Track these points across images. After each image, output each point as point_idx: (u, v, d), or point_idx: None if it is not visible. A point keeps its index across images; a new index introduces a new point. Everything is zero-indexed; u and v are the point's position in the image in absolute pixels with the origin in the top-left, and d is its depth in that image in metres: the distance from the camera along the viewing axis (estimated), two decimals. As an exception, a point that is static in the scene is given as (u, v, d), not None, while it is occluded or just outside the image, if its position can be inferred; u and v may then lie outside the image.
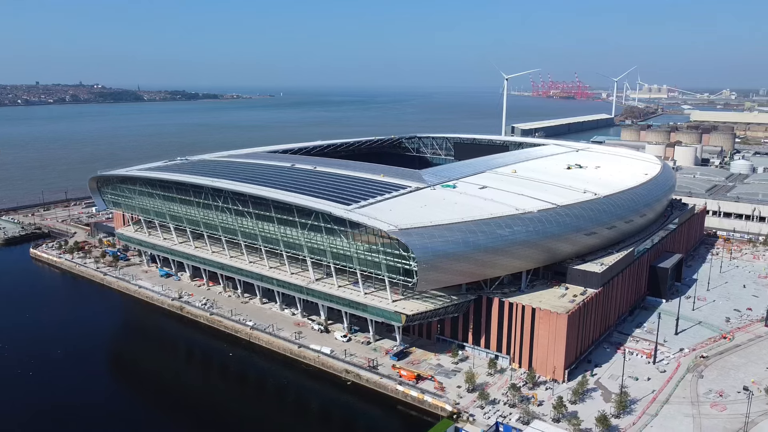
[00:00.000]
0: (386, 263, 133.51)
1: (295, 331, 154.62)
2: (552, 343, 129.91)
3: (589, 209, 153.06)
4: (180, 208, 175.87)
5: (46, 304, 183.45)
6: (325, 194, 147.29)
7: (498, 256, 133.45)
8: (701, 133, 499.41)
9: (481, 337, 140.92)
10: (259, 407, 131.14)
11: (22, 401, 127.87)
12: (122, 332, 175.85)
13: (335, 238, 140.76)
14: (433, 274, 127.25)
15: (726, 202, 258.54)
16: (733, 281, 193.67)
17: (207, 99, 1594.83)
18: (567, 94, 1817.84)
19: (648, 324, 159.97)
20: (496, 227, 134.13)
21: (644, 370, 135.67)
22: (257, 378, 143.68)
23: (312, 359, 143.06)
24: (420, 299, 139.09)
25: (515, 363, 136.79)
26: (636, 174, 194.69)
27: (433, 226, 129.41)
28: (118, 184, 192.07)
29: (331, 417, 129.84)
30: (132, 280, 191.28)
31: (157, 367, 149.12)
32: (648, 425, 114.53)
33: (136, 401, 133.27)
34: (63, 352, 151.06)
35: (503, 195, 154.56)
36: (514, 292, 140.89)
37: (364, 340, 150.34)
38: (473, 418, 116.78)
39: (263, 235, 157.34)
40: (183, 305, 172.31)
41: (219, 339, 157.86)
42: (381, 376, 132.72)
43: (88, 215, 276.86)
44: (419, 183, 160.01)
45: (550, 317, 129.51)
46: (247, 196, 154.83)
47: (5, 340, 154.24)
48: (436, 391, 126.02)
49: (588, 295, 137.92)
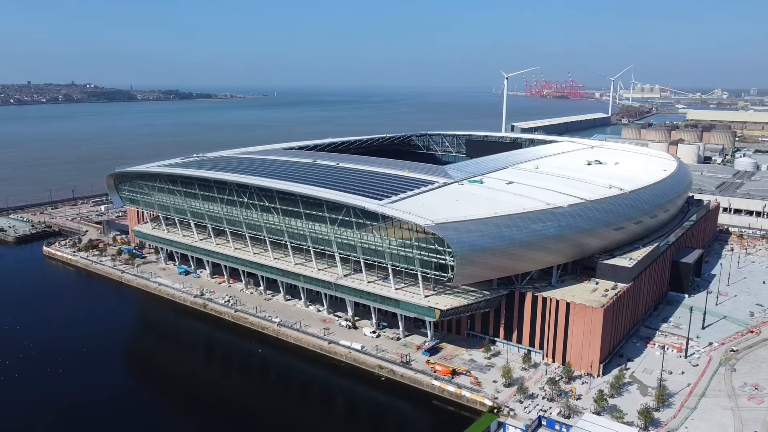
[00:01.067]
0: (420, 258, 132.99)
1: (321, 327, 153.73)
2: (587, 338, 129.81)
3: (617, 204, 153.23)
4: (202, 205, 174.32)
5: (66, 302, 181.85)
6: (354, 189, 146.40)
7: (532, 251, 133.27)
8: (702, 132, 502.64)
9: (513, 332, 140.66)
10: (294, 404, 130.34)
11: (53, 398, 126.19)
12: (146, 330, 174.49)
13: (367, 234, 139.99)
14: (469, 269, 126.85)
15: (737, 199, 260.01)
16: (752, 276, 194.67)
17: (201, 99, 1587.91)
18: (560, 93, 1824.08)
19: (673, 319, 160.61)
20: (529, 222, 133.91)
21: (677, 364, 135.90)
22: (289, 374, 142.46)
23: (343, 355, 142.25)
24: (452, 294, 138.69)
25: (548, 357, 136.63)
26: (654, 170, 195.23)
27: (469, 220, 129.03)
28: (137, 181, 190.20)
29: (367, 412, 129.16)
30: (151, 277, 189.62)
31: (184, 364, 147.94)
32: (689, 418, 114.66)
33: (168, 401, 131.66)
34: (89, 349, 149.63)
35: (531, 190, 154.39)
36: (545, 287, 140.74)
37: (393, 336, 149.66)
38: (513, 413, 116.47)
39: (290, 231, 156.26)
40: (206, 302, 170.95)
41: (245, 336, 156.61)
42: (415, 372, 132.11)
43: (97, 213, 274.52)
44: (446, 178, 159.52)
45: (585, 311, 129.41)
46: (273, 192, 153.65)
47: (30, 338, 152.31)
48: (473, 386, 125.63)
49: (621, 290, 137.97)
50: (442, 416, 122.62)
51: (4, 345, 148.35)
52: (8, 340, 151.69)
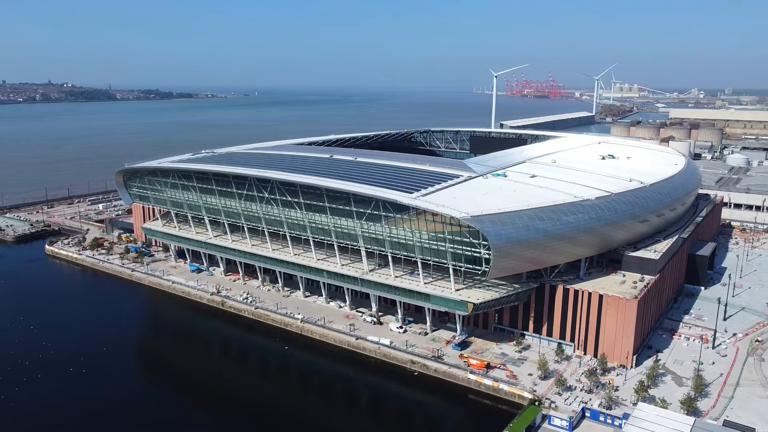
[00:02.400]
0: (452, 251, 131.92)
1: (346, 324, 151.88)
2: (621, 329, 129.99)
3: (642, 197, 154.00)
4: (219, 201, 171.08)
5: (78, 301, 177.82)
6: (381, 183, 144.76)
7: (565, 243, 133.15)
8: (690, 129, 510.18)
9: (543, 325, 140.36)
10: (327, 401, 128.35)
11: (81, 399, 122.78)
12: (164, 328, 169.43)
13: (397, 227, 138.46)
14: (505, 262, 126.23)
15: (737, 194, 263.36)
16: (761, 269, 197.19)
17: (182, 98, 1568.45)
18: (541, 93, 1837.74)
19: (694, 311, 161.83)
20: (562, 214, 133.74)
21: (706, 355, 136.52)
22: (317, 371, 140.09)
23: (372, 351, 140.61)
24: (481, 288, 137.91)
25: (579, 350, 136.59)
26: (667, 164, 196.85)
27: (504, 213, 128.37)
28: (149, 177, 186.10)
29: (403, 408, 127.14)
30: (163, 275, 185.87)
31: (207, 363, 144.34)
32: (728, 407, 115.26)
33: (194, 401, 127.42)
34: (108, 349, 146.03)
35: (555, 183, 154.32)
36: (573, 279, 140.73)
37: (420, 330, 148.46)
38: (555, 405, 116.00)
39: (313, 226, 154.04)
40: (224, 300, 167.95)
41: (268, 333, 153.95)
42: (449, 366, 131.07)
43: (96, 212, 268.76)
44: (470, 172, 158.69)
45: (618, 303, 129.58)
46: (297, 186, 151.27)
47: (48, 338, 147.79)
48: (509, 380, 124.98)
49: (650, 282, 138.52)
50: (480, 410, 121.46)
51: (23, 346, 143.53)
52: (25, 341, 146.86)
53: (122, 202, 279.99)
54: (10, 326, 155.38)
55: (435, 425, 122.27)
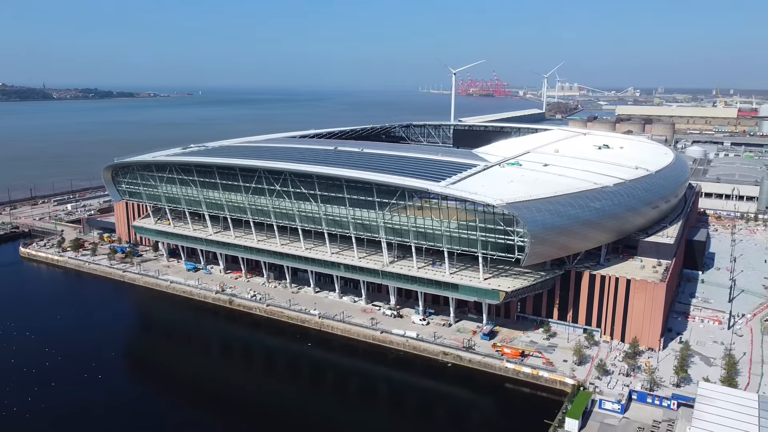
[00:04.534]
0: (484, 240, 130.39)
1: (364, 318, 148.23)
2: (649, 313, 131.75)
3: (652, 183, 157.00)
4: (222, 195, 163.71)
5: (70, 304, 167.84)
6: (403, 172, 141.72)
7: (593, 229, 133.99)
8: (644, 124, 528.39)
9: (568, 311, 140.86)
10: (363, 399, 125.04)
11: (105, 406, 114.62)
12: (172, 330, 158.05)
13: (423, 217, 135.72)
14: (540, 248, 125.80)
15: (708, 183, 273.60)
16: (747, 253, 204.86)
17: (122, 97, 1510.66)
18: (486, 92, 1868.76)
19: (699, 294, 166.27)
20: (589, 200, 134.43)
21: (723, 335, 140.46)
22: (346, 368, 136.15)
23: (400, 344, 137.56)
24: (507, 276, 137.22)
25: (606, 335, 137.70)
26: (658, 154, 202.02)
27: (536, 199, 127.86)
28: (140, 172, 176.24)
29: (445, 400, 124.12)
30: (158, 275, 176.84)
31: (225, 365, 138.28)
32: (762, 384, 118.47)
33: (221, 407, 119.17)
34: (117, 353, 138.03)
35: (570, 171, 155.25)
36: (594, 266, 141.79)
37: (442, 322, 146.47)
38: (599, 389, 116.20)
39: (329, 219, 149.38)
40: (231, 298, 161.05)
41: (284, 331, 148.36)
42: (483, 356, 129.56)
43: (65, 212, 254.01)
44: (483, 162, 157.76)
45: (647, 287, 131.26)
46: (314, 177, 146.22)
47: (49, 344, 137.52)
48: (547, 367, 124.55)
49: (670, 266, 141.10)
50: (521, 398, 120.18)
51: (24, 353, 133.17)
52: (25, 347, 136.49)
53: (92, 202, 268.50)
54: (2, 333, 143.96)
55: (481, 416, 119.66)
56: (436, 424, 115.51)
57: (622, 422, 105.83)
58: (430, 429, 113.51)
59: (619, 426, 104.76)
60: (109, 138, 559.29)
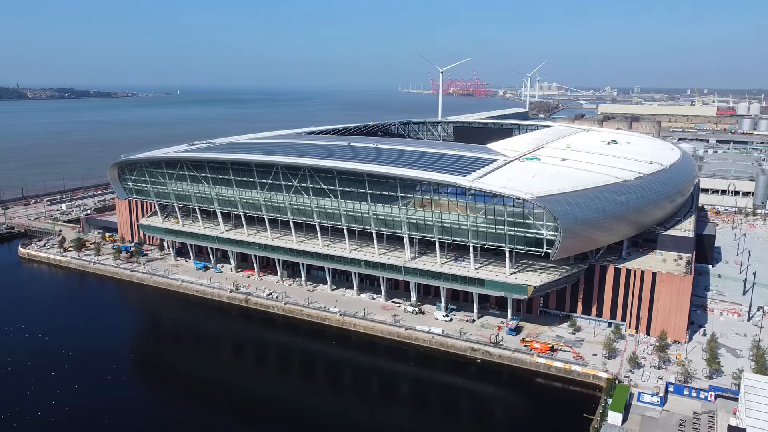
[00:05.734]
0: (512, 234, 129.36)
1: (385, 315, 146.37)
2: (675, 305, 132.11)
3: (669, 177, 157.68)
4: (236, 192, 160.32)
5: (79, 305, 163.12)
6: (427, 167, 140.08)
7: (619, 222, 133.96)
8: (630, 122, 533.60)
9: (593, 305, 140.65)
10: (398, 397, 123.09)
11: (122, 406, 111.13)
12: (190, 330, 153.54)
13: (450, 212, 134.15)
14: (571, 242, 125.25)
15: (704, 179, 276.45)
16: (751, 246, 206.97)
17: (99, 97, 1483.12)
18: (466, 91, 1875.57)
19: (713, 287, 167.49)
20: (615, 194, 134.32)
21: (744, 328, 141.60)
22: (379, 367, 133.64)
23: (426, 340, 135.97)
24: (533, 271, 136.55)
25: (631, 329, 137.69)
26: (666, 149, 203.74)
27: (565, 193, 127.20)
28: (149, 169, 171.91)
29: (479, 396, 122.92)
30: (168, 274, 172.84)
31: (251, 366, 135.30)
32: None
33: (255, 412, 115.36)
34: (136, 354, 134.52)
35: (589, 165, 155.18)
36: (616, 259, 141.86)
37: (465, 318, 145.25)
38: (633, 383, 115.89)
39: (350, 215, 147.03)
40: (247, 297, 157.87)
41: (305, 330, 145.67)
42: (512, 351, 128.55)
43: (60, 212, 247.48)
44: (502, 156, 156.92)
45: (673, 280, 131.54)
46: (334, 173, 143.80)
47: (64, 346, 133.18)
48: (579, 361, 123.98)
49: (692, 259, 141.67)
50: (556, 393, 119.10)
51: (40, 355, 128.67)
52: (40, 350, 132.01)
53: (87, 202, 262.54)
54: (14, 336, 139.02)
55: (518, 411, 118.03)
56: (474, 420, 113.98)
57: (663, 415, 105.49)
58: (469, 425, 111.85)
59: (661, 418, 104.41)
60: (92, 138, 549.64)
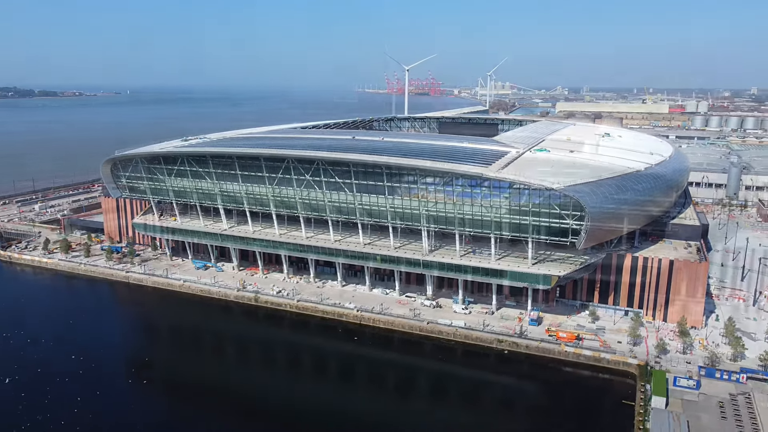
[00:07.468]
0: (536, 224, 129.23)
1: (403, 309, 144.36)
2: (692, 292, 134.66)
3: (673, 168, 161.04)
4: (241, 187, 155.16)
5: (80, 308, 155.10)
6: (446, 159, 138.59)
7: (639, 211, 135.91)
8: (594, 119, 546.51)
9: (610, 294, 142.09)
10: (433, 392, 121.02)
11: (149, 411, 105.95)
12: (202, 331, 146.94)
13: (471, 203, 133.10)
14: (597, 232, 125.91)
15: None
16: (736, 234, 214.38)
17: (45, 96, 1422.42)
18: (421, 90, 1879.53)
19: (713, 274, 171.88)
20: (633, 183, 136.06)
21: (752, 312, 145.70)
22: (402, 362, 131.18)
23: (450, 333, 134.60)
24: (552, 262, 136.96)
25: (648, 316, 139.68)
26: (659, 141, 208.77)
27: (588, 183, 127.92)
28: (146, 165, 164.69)
29: (513, 386, 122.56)
30: (167, 274, 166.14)
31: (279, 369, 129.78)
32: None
33: (284, 414, 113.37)
34: (151, 358, 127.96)
35: (597, 157, 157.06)
36: (630, 248, 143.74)
37: (484, 310, 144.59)
38: (664, 368, 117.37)
39: (365, 208, 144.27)
40: (257, 295, 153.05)
41: (322, 327, 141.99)
42: (539, 341, 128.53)
43: (34, 213, 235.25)
44: (513, 148, 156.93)
45: (689, 267, 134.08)
46: (350, 166, 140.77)
47: (73, 351, 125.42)
48: (607, 349, 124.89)
49: (702, 246, 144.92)
50: (587, 381, 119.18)
51: (49, 362, 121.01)
52: (48, 356, 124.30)
53: (61, 202, 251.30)
54: (15, 342, 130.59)
55: (554, 400, 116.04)
56: (513, 411, 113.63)
57: (701, 398, 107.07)
58: (516, 415, 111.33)
59: (700, 401, 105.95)
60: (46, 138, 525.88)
